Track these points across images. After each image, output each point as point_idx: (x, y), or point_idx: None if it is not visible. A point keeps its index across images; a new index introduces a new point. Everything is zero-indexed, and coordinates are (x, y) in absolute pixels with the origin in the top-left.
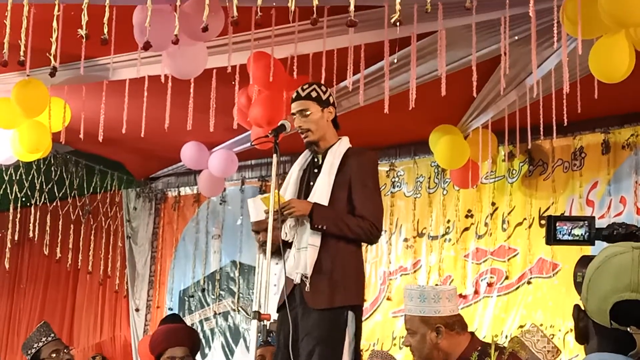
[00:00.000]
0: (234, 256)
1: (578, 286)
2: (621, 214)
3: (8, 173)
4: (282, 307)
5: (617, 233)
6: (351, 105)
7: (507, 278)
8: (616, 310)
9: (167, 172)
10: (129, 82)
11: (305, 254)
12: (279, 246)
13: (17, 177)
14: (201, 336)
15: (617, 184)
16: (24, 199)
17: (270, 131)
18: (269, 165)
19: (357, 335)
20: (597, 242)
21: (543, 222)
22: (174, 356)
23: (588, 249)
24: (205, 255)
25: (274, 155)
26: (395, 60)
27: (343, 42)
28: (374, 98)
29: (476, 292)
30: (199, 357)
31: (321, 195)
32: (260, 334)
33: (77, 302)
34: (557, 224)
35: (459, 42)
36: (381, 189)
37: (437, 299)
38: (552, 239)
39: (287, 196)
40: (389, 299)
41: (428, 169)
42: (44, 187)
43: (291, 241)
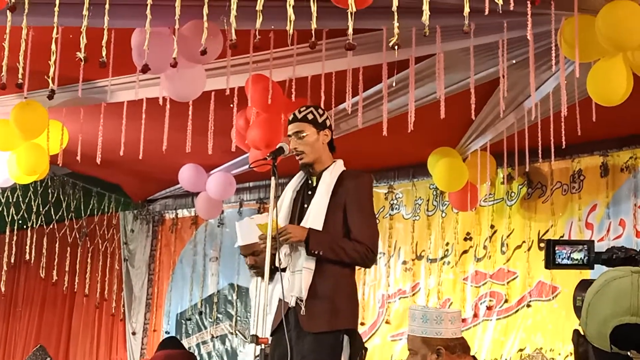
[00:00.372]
0: (231, 279)
1: (578, 310)
2: (620, 236)
3: (5, 195)
4: (276, 330)
5: (616, 257)
6: (350, 127)
7: (506, 301)
8: (616, 334)
9: (164, 194)
10: (127, 104)
11: (300, 277)
12: (271, 269)
13: (14, 199)
14: None
15: (616, 206)
16: (20, 222)
17: (268, 154)
18: (267, 187)
19: (352, 359)
20: (596, 266)
21: (542, 245)
22: None
23: (587, 272)
24: (202, 278)
25: (272, 178)
26: (394, 83)
27: (342, 65)
28: (372, 120)
29: (475, 315)
30: None
31: (315, 218)
32: (258, 358)
33: (74, 326)
34: (556, 248)
35: (457, 65)
36: (380, 211)
37: (440, 321)
38: (551, 263)
39: (280, 218)
40: (387, 322)
41: (427, 191)
42: (41, 209)
43: (286, 267)
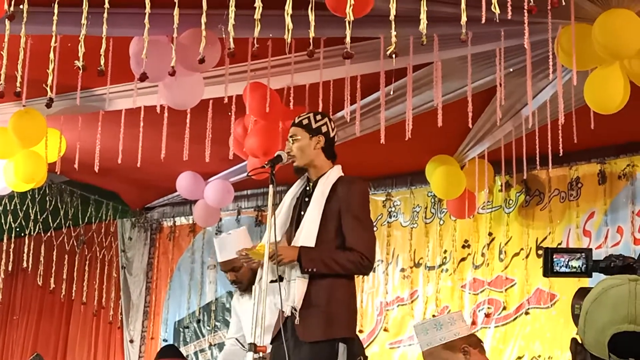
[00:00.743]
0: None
1: (576, 318)
2: (618, 244)
3: (2, 203)
4: (275, 339)
5: (614, 265)
6: (347, 135)
7: (504, 309)
8: (614, 342)
9: (162, 202)
10: (125, 112)
11: (295, 286)
12: (251, 282)
13: (12, 207)
14: None
15: (613, 214)
16: (18, 229)
17: (266, 162)
18: (265, 195)
19: None
20: (594, 274)
21: (540, 252)
22: None
23: (586, 280)
24: (200, 285)
25: (270, 186)
26: (392, 91)
27: (339, 73)
28: (370, 128)
29: (474, 322)
30: None
31: (310, 227)
32: None
33: (71, 333)
34: (554, 256)
35: (454, 74)
36: (378, 219)
37: (453, 322)
38: (549, 271)
39: (278, 224)
40: (386, 329)
41: (425, 199)
42: (39, 217)
43: (282, 276)
